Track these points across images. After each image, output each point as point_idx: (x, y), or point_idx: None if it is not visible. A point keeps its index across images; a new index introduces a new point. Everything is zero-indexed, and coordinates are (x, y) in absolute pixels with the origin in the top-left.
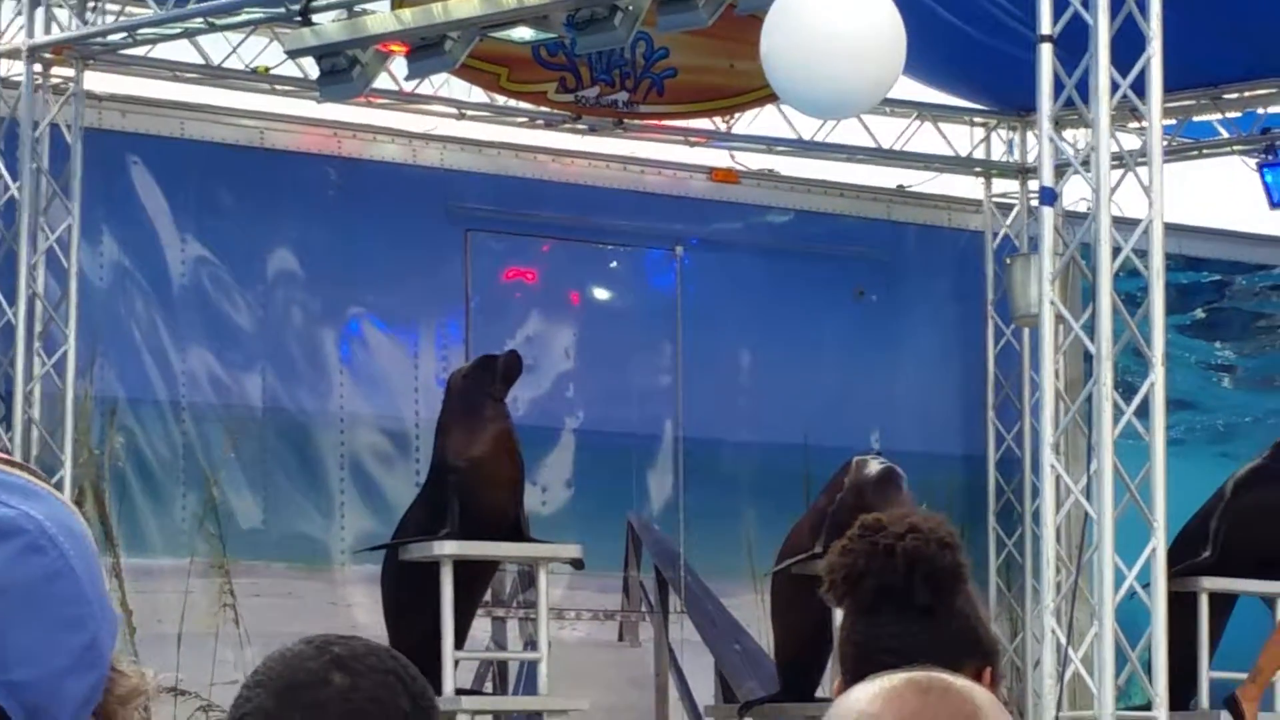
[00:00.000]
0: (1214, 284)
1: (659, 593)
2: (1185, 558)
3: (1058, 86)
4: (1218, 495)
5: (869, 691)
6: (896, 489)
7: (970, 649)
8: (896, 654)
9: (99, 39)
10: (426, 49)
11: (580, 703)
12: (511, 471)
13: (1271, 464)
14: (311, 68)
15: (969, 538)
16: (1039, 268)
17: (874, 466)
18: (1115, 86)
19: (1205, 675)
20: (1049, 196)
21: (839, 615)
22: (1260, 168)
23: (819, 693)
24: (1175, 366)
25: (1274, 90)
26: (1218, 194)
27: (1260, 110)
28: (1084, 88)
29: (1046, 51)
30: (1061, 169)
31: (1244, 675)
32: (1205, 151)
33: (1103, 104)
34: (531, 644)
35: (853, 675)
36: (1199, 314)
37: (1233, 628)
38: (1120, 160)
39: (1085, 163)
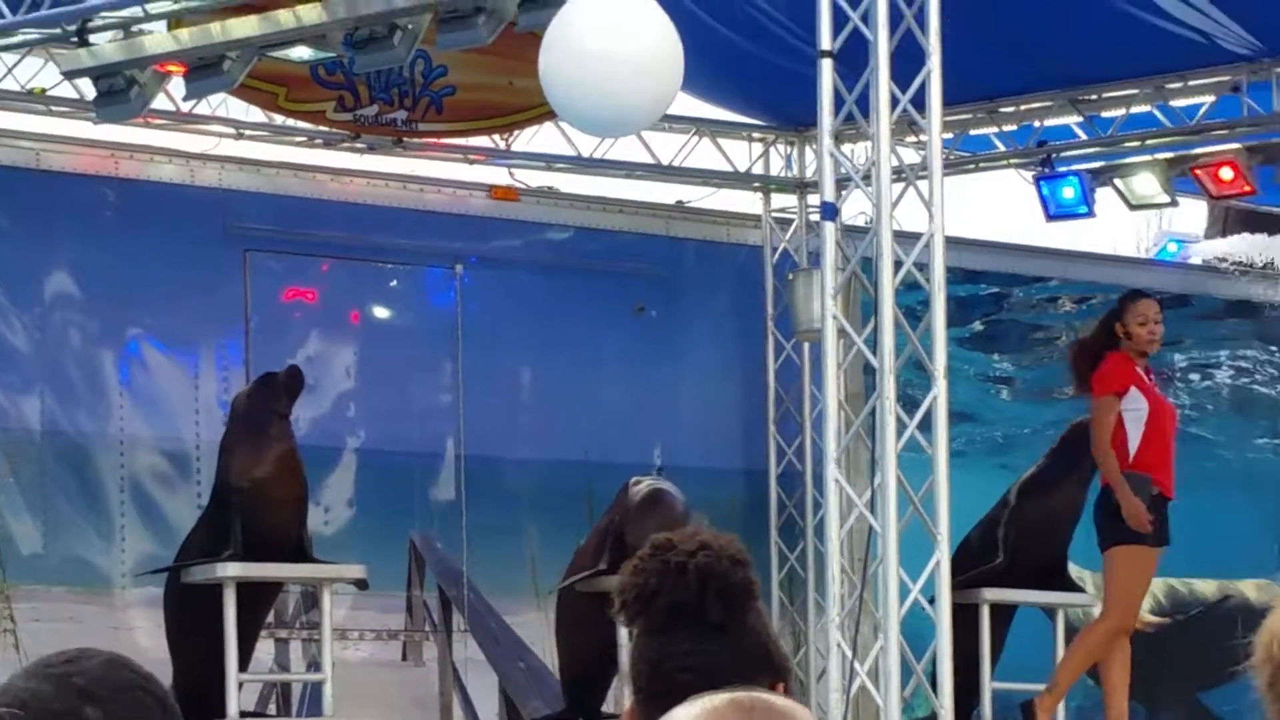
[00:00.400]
0: (992, 296)
1: (442, 611)
2: (972, 566)
3: (838, 102)
4: (1002, 503)
5: (690, 714)
6: (667, 508)
7: (763, 665)
8: (691, 671)
9: None
10: (204, 69)
11: None
12: (295, 492)
13: (1048, 470)
14: (88, 88)
15: (751, 552)
16: (821, 282)
17: (642, 487)
18: (895, 101)
19: (988, 686)
20: (830, 211)
21: (624, 634)
22: (1037, 180)
23: (605, 709)
24: (954, 379)
25: (1050, 104)
26: (995, 207)
27: (1036, 123)
28: (864, 103)
29: (827, 67)
30: (842, 184)
31: (1026, 686)
32: (982, 165)
33: (883, 119)
34: (315, 665)
35: (646, 695)
36: (977, 326)
37: (1013, 638)
38: (901, 174)
39: (866, 177)
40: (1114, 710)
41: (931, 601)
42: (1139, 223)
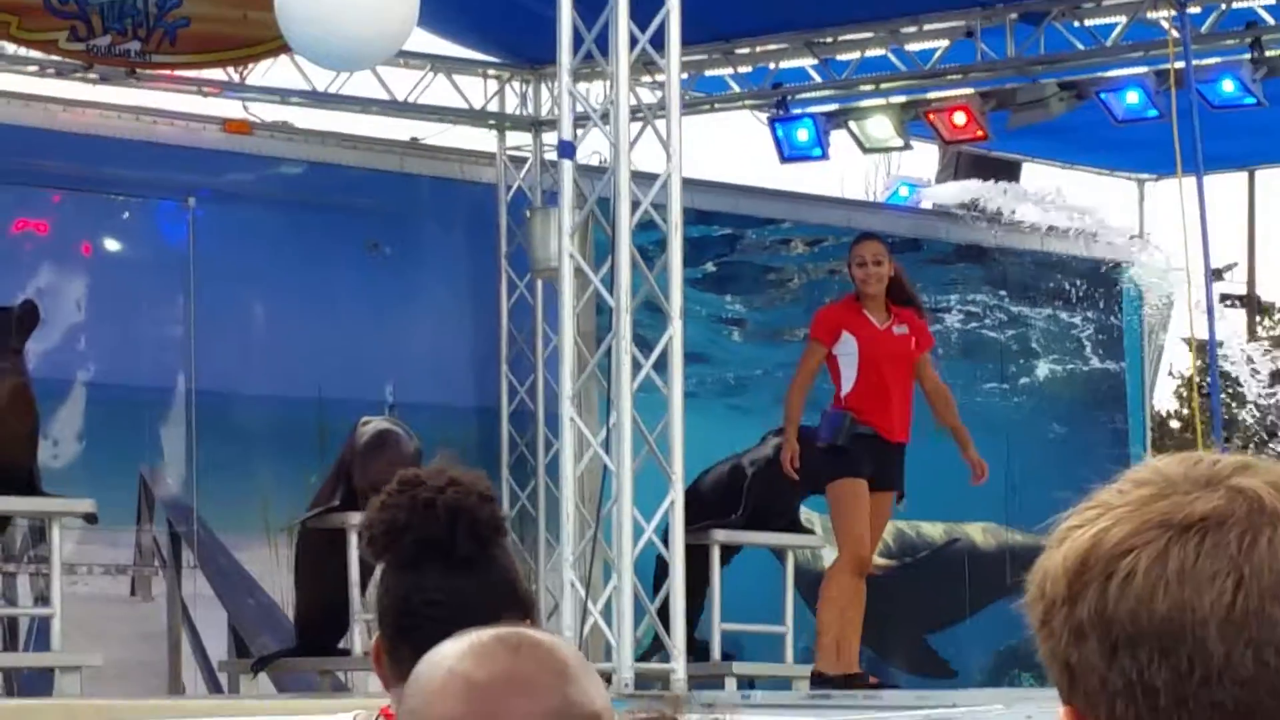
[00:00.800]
0: (725, 238)
1: (172, 547)
2: (715, 513)
3: (576, 40)
4: (747, 452)
5: (457, 649)
6: (393, 448)
7: (510, 601)
8: (440, 606)
9: None
10: None
11: (93, 658)
12: (25, 425)
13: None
14: None
15: None
16: (558, 221)
17: (370, 427)
18: (634, 40)
19: (717, 627)
20: (568, 150)
21: (356, 572)
22: (771, 122)
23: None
24: (687, 320)
25: (785, 46)
26: (729, 148)
27: (771, 66)
28: (603, 41)
29: (566, 4)
30: (580, 122)
31: (755, 627)
32: (718, 106)
33: (622, 58)
34: (43, 599)
35: (394, 630)
36: (710, 267)
37: (743, 579)
38: (639, 114)
39: (604, 116)
40: (830, 644)
41: (665, 542)
42: (869, 166)
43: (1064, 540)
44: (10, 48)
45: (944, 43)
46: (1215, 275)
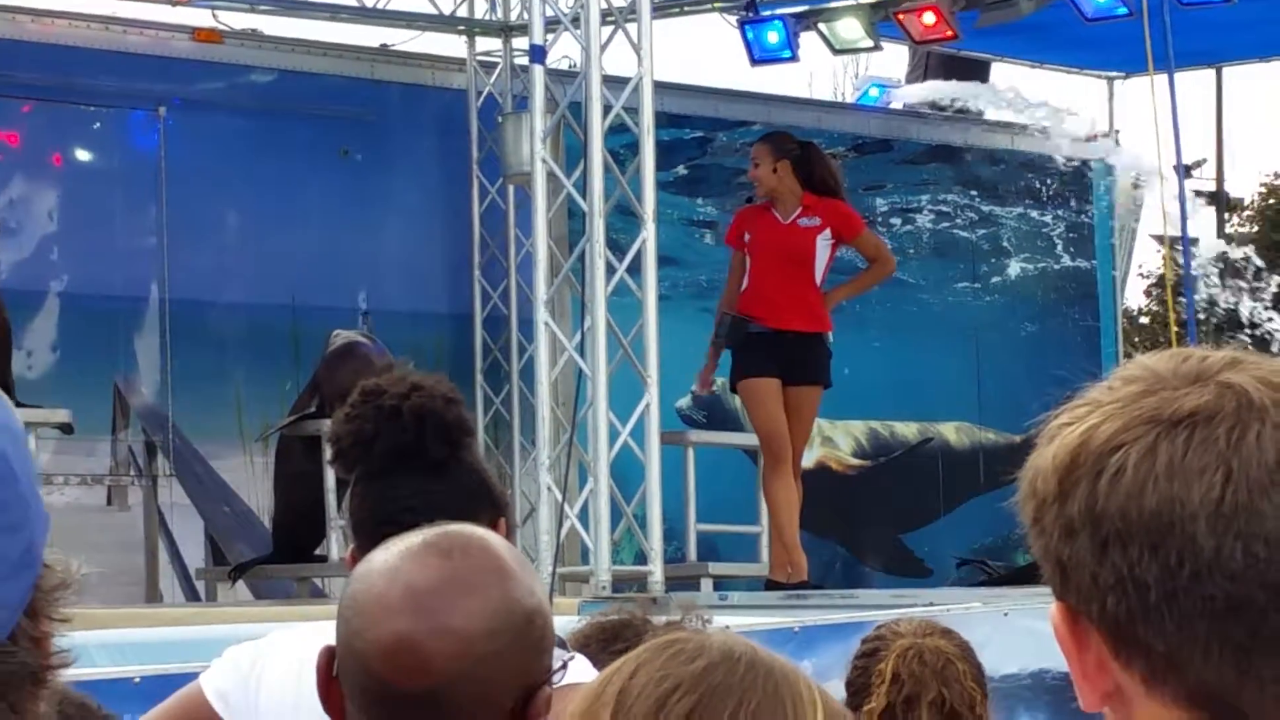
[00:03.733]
0: (696, 140)
1: (147, 456)
2: None
3: None
4: None
5: (388, 558)
6: (360, 359)
7: (483, 500)
8: (414, 512)
9: None
10: None
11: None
12: None
13: None
14: None
15: None
16: (530, 126)
17: (339, 339)
18: None
19: (693, 528)
20: (539, 54)
21: (332, 479)
22: (741, 25)
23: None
24: (660, 223)
25: None
26: (699, 52)
27: None
28: None
29: None
30: (550, 27)
31: (729, 527)
32: (687, 9)
33: None
34: None
35: (370, 539)
36: (681, 170)
37: (717, 481)
38: (609, 17)
39: (574, 20)
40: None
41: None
42: (838, 67)
43: (1054, 438)
44: None
45: None
46: (1185, 172)
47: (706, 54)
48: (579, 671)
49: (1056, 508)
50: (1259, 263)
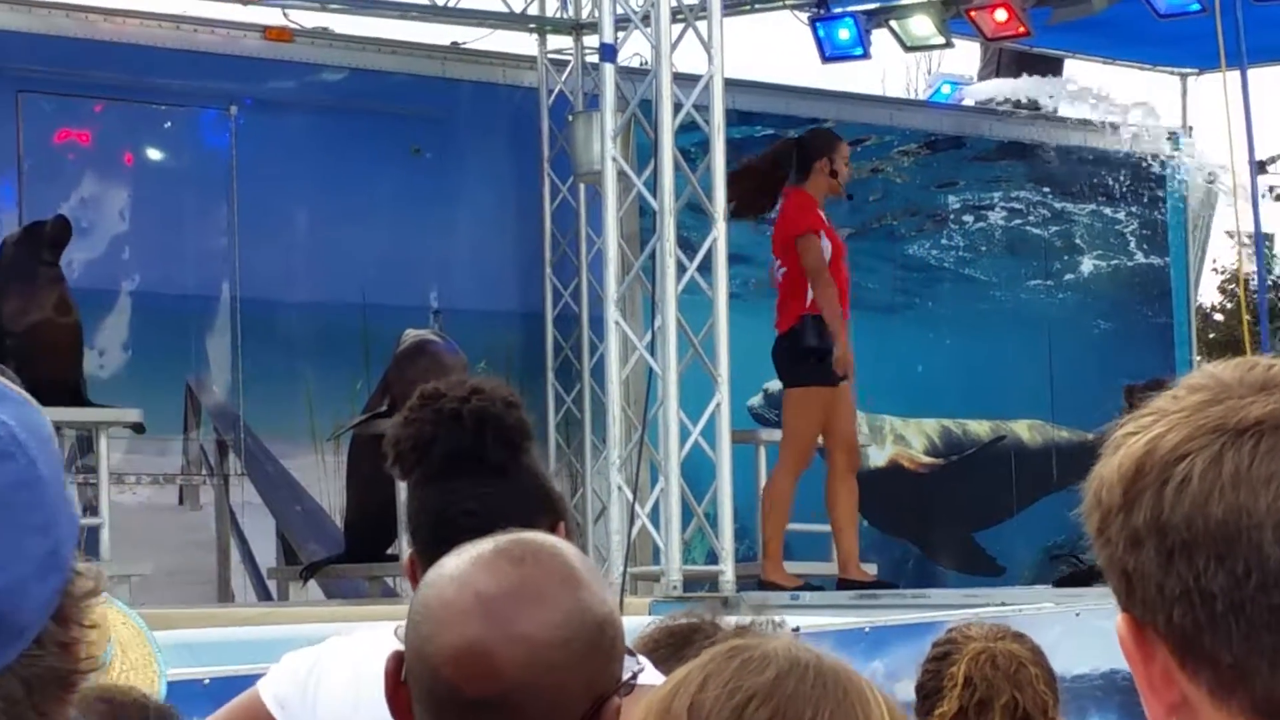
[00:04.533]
0: (767, 138)
1: (219, 455)
2: None
3: None
4: None
5: (459, 564)
6: (433, 358)
7: (542, 506)
8: (474, 515)
9: None
10: None
11: (142, 567)
12: (69, 336)
13: None
14: None
15: (529, 395)
16: (601, 125)
17: (409, 339)
18: None
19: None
20: (610, 53)
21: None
22: (812, 22)
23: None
24: (730, 221)
25: None
26: (770, 49)
27: None
28: None
29: None
30: (620, 25)
31: (797, 525)
32: (758, 6)
33: None
34: (92, 509)
35: (429, 542)
36: None
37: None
38: (679, 15)
39: (645, 19)
40: (843, 548)
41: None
42: (910, 64)
43: (1119, 447)
44: None
45: None
46: (1259, 168)
47: (777, 51)
48: (648, 678)
49: (1121, 518)
50: None
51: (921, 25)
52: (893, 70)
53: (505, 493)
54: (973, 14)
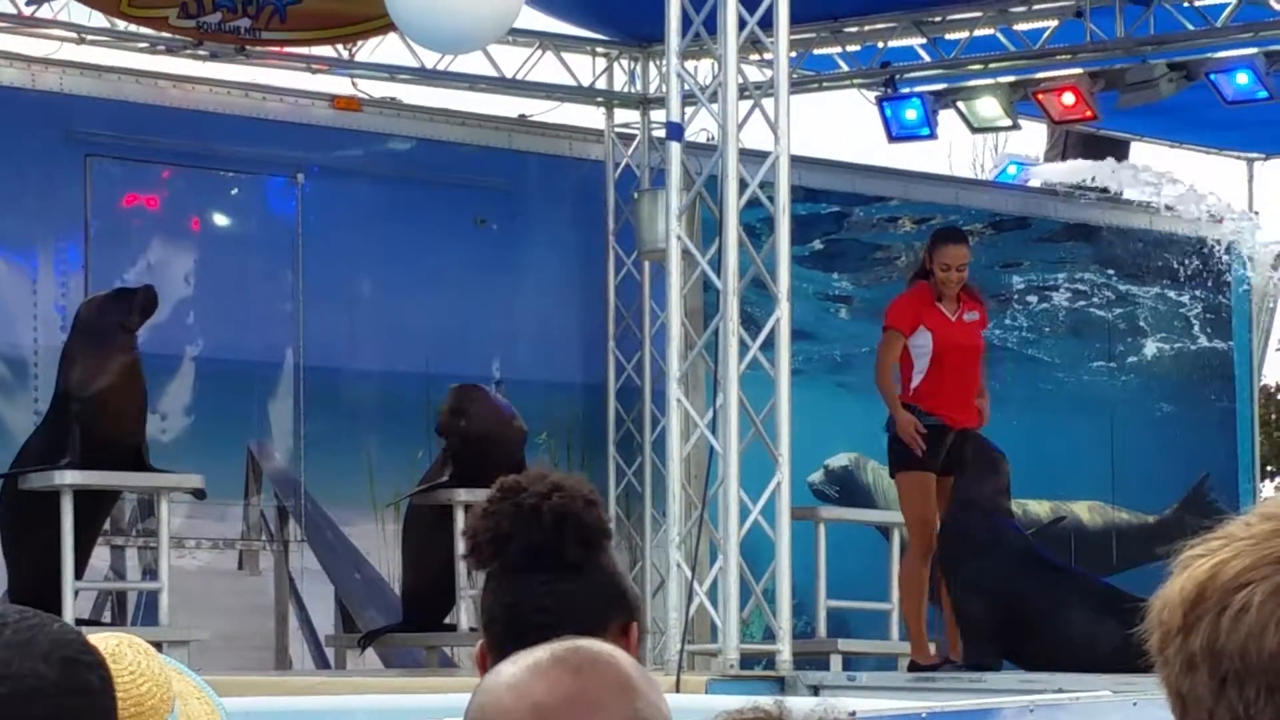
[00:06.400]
0: (832, 215)
1: (279, 521)
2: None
3: (685, 21)
4: None
5: (517, 673)
6: (486, 398)
7: (617, 605)
8: (548, 612)
9: None
10: None
11: (200, 632)
12: (135, 402)
13: None
14: None
15: (589, 467)
16: (666, 203)
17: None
18: (742, 21)
19: (823, 604)
20: (676, 131)
21: (461, 548)
22: (880, 101)
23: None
24: (794, 297)
25: (893, 24)
26: (837, 126)
27: (880, 44)
28: (711, 21)
29: None
30: (687, 101)
31: (859, 604)
32: (826, 85)
33: (730, 37)
34: (151, 573)
35: (501, 635)
36: (817, 245)
37: (848, 556)
38: (746, 93)
39: (711, 96)
40: (913, 631)
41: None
42: (977, 144)
43: (1185, 568)
44: (120, 24)
45: (1053, 22)
46: None
47: (844, 129)
48: None
49: (1180, 640)
50: None
51: (988, 107)
52: (959, 148)
53: (580, 591)
54: (1040, 97)
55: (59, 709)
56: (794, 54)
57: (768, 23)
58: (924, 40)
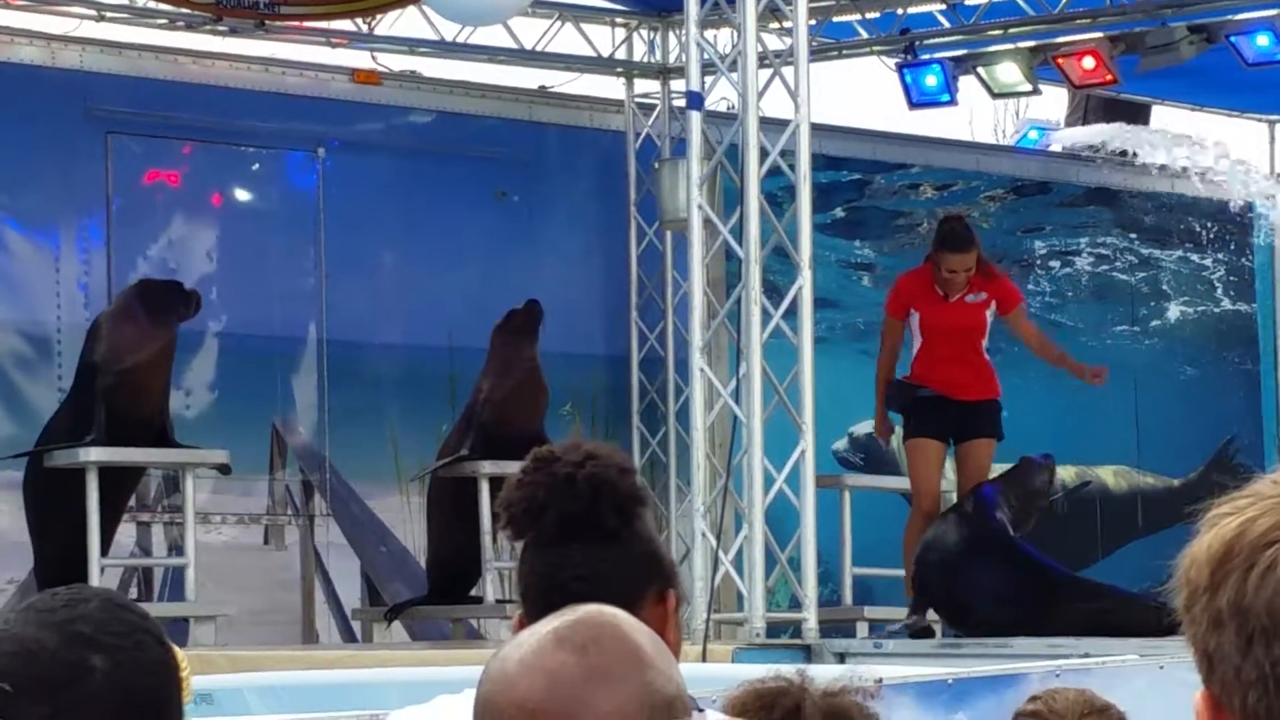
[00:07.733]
0: (854, 183)
1: (304, 495)
2: None
3: None
4: None
5: (532, 642)
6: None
7: (653, 572)
8: (585, 581)
9: None
10: None
11: (227, 607)
12: (160, 379)
13: None
14: None
15: (614, 437)
16: (687, 173)
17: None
18: None
19: (848, 571)
20: (696, 101)
21: (488, 520)
22: (900, 68)
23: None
24: (817, 265)
25: None
26: (857, 93)
27: (899, 11)
28: None
29: None
30: (707, 70)
31: (884, 571)
32: (845, 52)
33: (750, 6)
34: (177, 549)
35: (540, 607)
36: (839, 213)
37: (873, 523)
38: (766, 61)
39: (731, 65)
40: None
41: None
42: (998, 109)
43: (1212, 527)
44: (140, 1)
45: None
46: None
47: (864, 96)
48: None
49: (1207, 598)
50: None
51: (1009, 72)
52: (980, 113)
53: (616, 559)
54: (1060, 61)
55: (171, 683)
56: (813, 21)
57: None
58: (943, 6)
